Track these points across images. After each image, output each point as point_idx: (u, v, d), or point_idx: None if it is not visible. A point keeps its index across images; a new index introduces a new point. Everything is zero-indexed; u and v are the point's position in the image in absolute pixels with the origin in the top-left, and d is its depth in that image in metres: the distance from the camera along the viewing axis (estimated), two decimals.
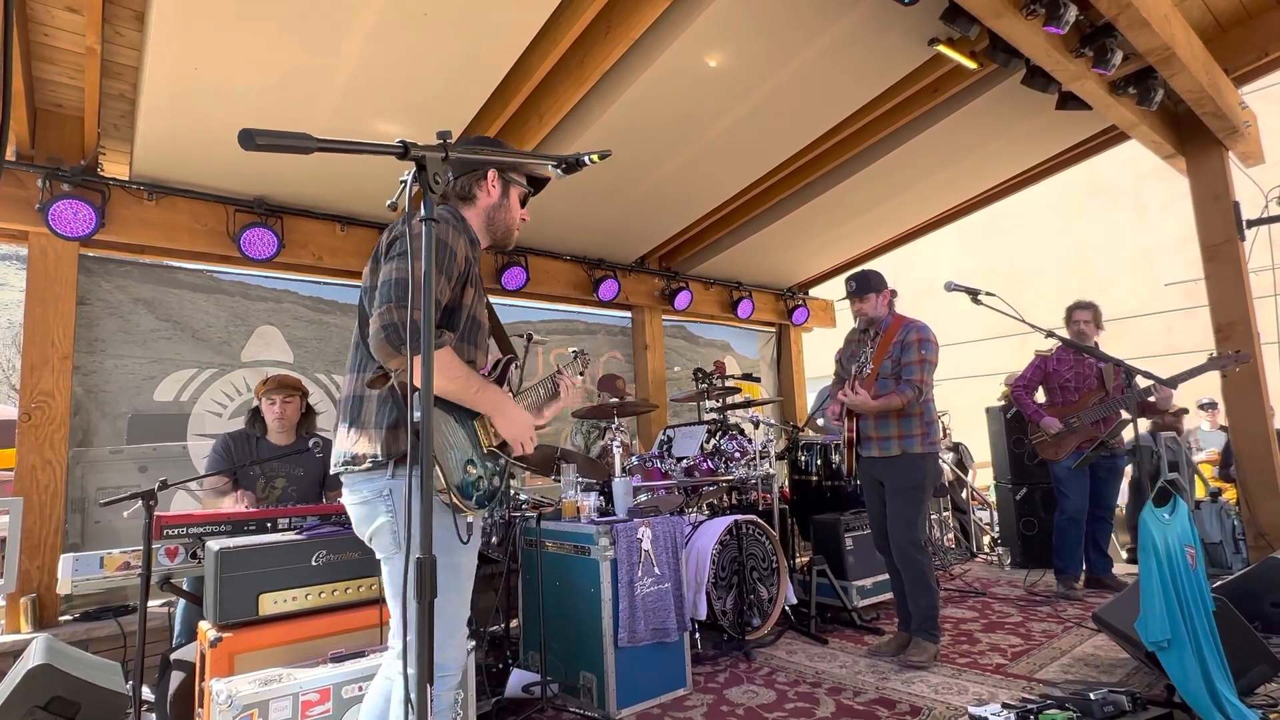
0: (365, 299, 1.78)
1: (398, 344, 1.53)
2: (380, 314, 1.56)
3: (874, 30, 3.50)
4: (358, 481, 1.74)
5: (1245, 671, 2.56)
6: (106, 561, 2.55)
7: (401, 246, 1.63)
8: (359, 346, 1.79)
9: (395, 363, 1.57)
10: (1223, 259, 4.45)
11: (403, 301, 1.54)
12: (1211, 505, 4.79)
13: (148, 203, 3.68)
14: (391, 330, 1.54)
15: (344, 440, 1.76)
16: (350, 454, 1.72)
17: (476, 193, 1.90)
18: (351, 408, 1.76)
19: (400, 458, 1.67)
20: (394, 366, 1.59)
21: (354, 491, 1.76)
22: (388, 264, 1.64)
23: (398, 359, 1.55)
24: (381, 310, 1.57)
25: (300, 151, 0.93)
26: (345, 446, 1.74)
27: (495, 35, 3.07)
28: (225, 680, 2.05)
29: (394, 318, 1.54)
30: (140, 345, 3.82)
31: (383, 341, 1.55)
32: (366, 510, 1.74)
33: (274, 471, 3.31)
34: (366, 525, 1.76)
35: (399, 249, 1.64)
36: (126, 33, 3.02)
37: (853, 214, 5.63)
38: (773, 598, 3.76)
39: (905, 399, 3.26)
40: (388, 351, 1.56)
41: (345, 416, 1.77)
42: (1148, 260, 11.42)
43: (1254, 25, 4.23)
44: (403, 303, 1.54)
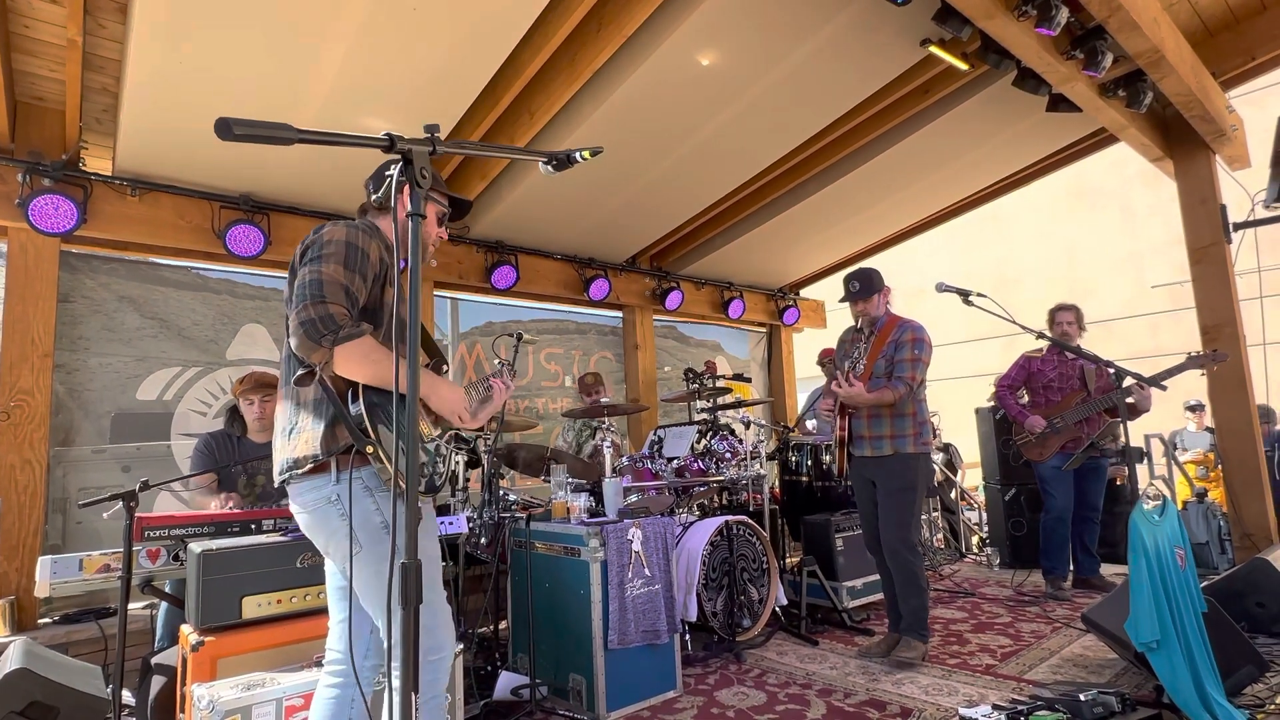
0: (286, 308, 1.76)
1: (317, 337, 1.57)
2: (297, 312, 1.60)
3: (866, 31, 3.50)
4: (302, 491, 1.72)
5: (1232, 672, 2.58)
6: (86, 564, 2.50)
7: (314, 252, 1.68)
8: (289, 360, 1.77)
9: (317, 356, 1.59)
10: (1210, 261, 4.49)
11: (318, 298, 1.60)
12: (1197, 506, 4.82)
13: (131, 198, 3.62)
14: (310, 325, 1.57)
15: (283, 450, 1.74)
16: (290, 460, 1.71)
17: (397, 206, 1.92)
18: (289, 415, 1.75)
19: (340, 455, 1.67)
20: (316, 360, 1.60)
21: (299, 503, 1.74)
22: (302, 269, 1.67)
23: (319, 351, 1.59)
24: (299, 308, 1.60)
25: (280, 143, 0.90)
26: (285, 454, 1.73)
27: (486, 31, 3.04)
28: (207, 685, 2.02)
29: (311, 313, 1.58)
30: (125, 343, 3.76)
31: (303, 337, 1.58)
32: (317, 520, 1.72)
33: (255, 469, 3.27)
34: (322, 536, 1.74)
35: (312, 254, 1.68)
36: (109, 25, 2.97)
37: (844, 215, 5.64)
38: (763, 599, 3.75)
39: (897, 394, 3.27)
40: (309, 345, 1.58)
41: (283, 426, 1.77)
42: (1134, 263, 11.52)
43: (1241, 30, 4.27)
44: (318, 298, 1.60)
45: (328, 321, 1.59)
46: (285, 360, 1.81)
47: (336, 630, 1.85)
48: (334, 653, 1.84)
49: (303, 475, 1.70)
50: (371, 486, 1.70)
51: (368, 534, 1.67)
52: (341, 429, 1.67)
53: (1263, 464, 4.31)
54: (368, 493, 1.69)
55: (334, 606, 1.88)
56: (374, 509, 1.69)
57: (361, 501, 1.68)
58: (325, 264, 1.65)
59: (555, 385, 5.60)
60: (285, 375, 1.79)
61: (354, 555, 1.66)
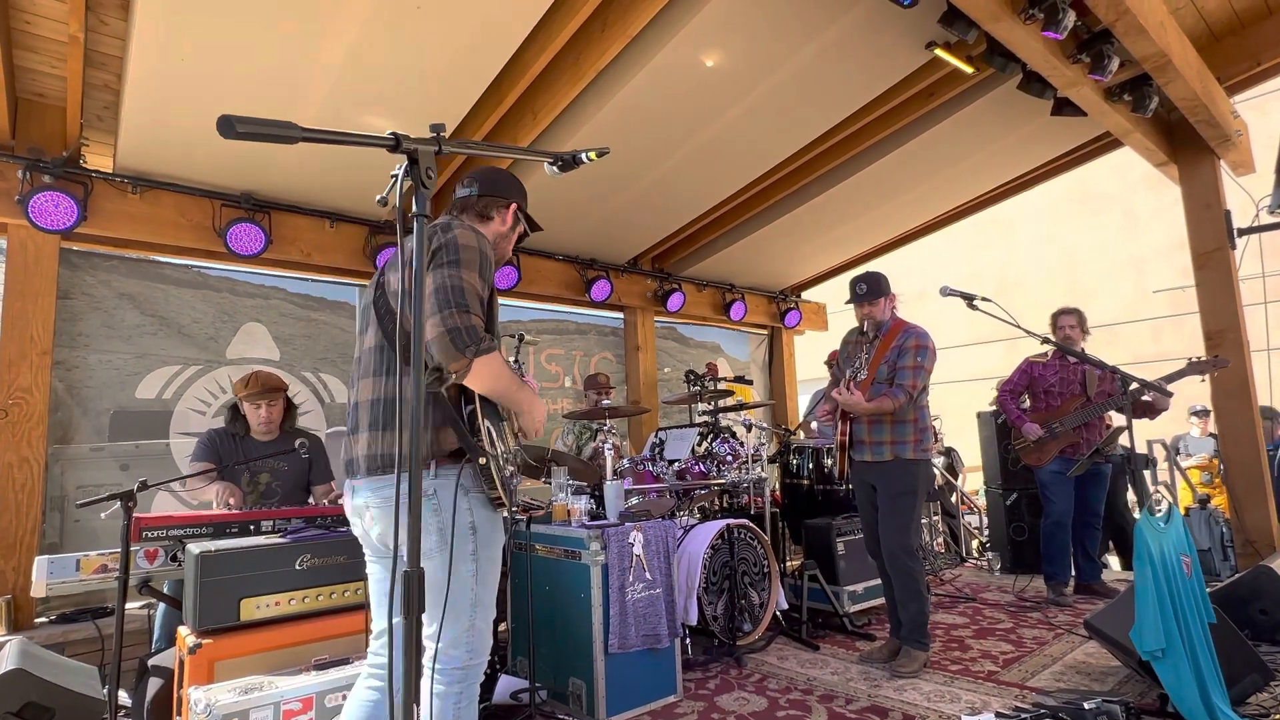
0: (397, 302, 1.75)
1: (462, 346, 1.63)
2: (443, 318, 1.64)
3: (871, 33, 3.48)
4: (390, 483, 1.71)
5: (1237, 680, 2.56)
6: (83, 564, 2.49)
7: (450, 255, 1.70)
8: (381, 350, 1.79)
9: (457, 365, 1.65)
10: (1214, 267, 4.47)
11: (463, 306, 1.65)
12: (1200, 512, 4.80)
13: (131, 196, 3.60)
14: (456, 334, 1.63)
15: (373, 443, 1.74)
16: (387, 454, 1.71)
17: (494, 216, 2.00)
18: (382, 411, 1.75)
19: (443, 457, 1.70)
20: (455, 368, 1.65)
21: (381, 495, 1.73)
22: (436, 271, 1.69)
23: (461, 360, 1.64)
24: (444, 314, 1.64)
25: (284, 141, 0.89)
26: (379, 449, 1.73)
27: (490, 31, 3.03)
28: (204, 688, 2.00)
29: (458, 322, 1.63)
30: (125, 341, 3.75)
31: (449, 344, 1.63)
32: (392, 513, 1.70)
33: (258, 467, 3.26)
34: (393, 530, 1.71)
35: (448, 257, 1.70)
36: (111, 21, 2.95)
37: (847, 217, 5.62)
38: (764, 603, 3.73)
39: (897, 403, 3.24)
40: (452, 354, 1.63)
41: (373, 421, 1.76)
42: (1136, 267, 11.52)
43: (1247, 34, 4.25)
44: (464, 307, 1.65)
45: (472, 333, 1.65)
46: (376, 350, 1.81)
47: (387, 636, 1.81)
48: (381, 656, 1.81)
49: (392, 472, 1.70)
50: (467, 487, 1.72)
51: (460, 534, 1.69)
52: (447, 433, 1.71)
53: (1266, 470, 4.29)
54: (462, 493, 1.71)
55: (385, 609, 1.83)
56: (465, 508, 1.71)
57: (455, 500, 1.69)
58: (465, 270, 1.69)
59: (555, 386, 5.59)
60: (376, 366, 1.80)
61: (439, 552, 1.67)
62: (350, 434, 1.84)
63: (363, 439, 1.76)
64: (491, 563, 1.77)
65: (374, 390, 1.79)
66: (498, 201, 2.00)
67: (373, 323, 1.83)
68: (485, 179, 2.00)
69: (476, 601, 1.71)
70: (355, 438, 1.80)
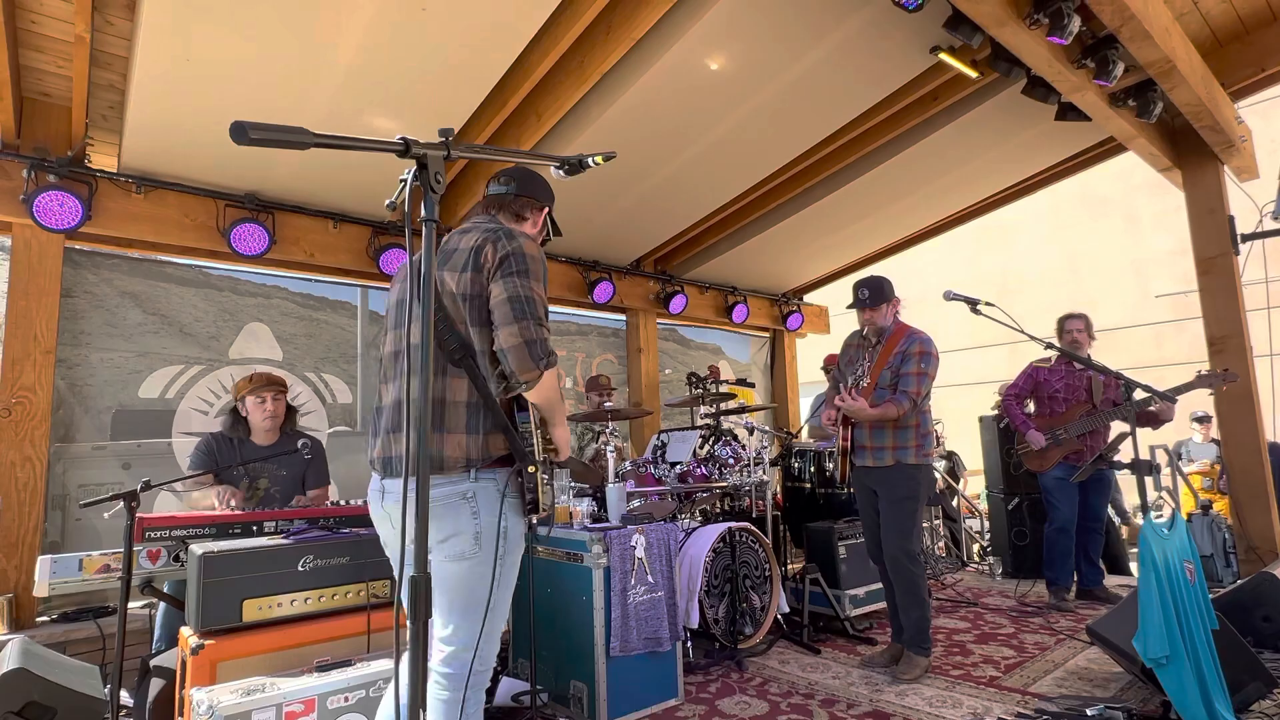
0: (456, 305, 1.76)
1: (538, 359, 1.69)
2: (521, 329, 1.69)
3: (876, 36, 3.48)
4: (436, 483, 1.70)
5: (1240, 688, 2.55)
6: (86, 564, 2.49)
7: (519, 265, 1.74)
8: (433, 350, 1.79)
9: (531, 375, 1.70)
10: (1217, 272, 4.47)
11: (538, 320, 1.72)
12: (1202, 518, 4.80)
13: (136, 195, 3.61)
14: (534, 346, 1.70)
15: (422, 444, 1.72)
16: (435, 456, 1.70)
17: (528, 217, 2.02)
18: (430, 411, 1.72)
19: (491, 462, 1.72)
20: (527, 378, 1.71)
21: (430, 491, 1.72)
22: (507, 280, 1.72)
23: (534, 372, 1.70)
24: (521, 325, 1.69)
25: (296, 147, 0.89)
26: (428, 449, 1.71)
27: (495, 33, 3.03)
28: (206, 689, 2.00)
29: (534, 334, 1.70)
30: (126, 339, 3.75)
31: (526, 356, 1.69)
32: (441, 511, 1.69)
33: (257, 472, 3.25)
34: (441, 531, 1.71)
35: (516, 267, 1.73)
36: (117, 21, 2.96)
37: (850, 220, 5.62)
38: (765, 606, 3.73)
39: (901, 409, 3.24)
40: (528, 365, 1.69)
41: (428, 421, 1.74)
42: (1138, 272, 11.50)
43: (1251, 41, 4.25)
44: (539, 320, 1.72)
45: (545, 345, 1.71)
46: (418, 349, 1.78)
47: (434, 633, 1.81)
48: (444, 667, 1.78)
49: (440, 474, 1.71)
50: (505, 493, 1.74)
51: (491, 536, 1.70)
52: (497, 439, 1.74)
53: (1268, 476, 4.28)
54: (501, 497, 1.73)
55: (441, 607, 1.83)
56: (502, 513, 1.73)
57: (495, 504, 1.72)
58: (534, 282, 1.74)
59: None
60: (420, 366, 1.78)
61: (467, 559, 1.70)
62: (390, 431, 1.81)
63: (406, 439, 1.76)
64: (512, 569, 1.79)
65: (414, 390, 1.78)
66: (533, 204, 2.02)
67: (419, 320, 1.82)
68: (522, 179, 2.02)
69: (494, 606, 1.72)
70: (396, 436, 1.79)
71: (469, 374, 1.74)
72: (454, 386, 1.74)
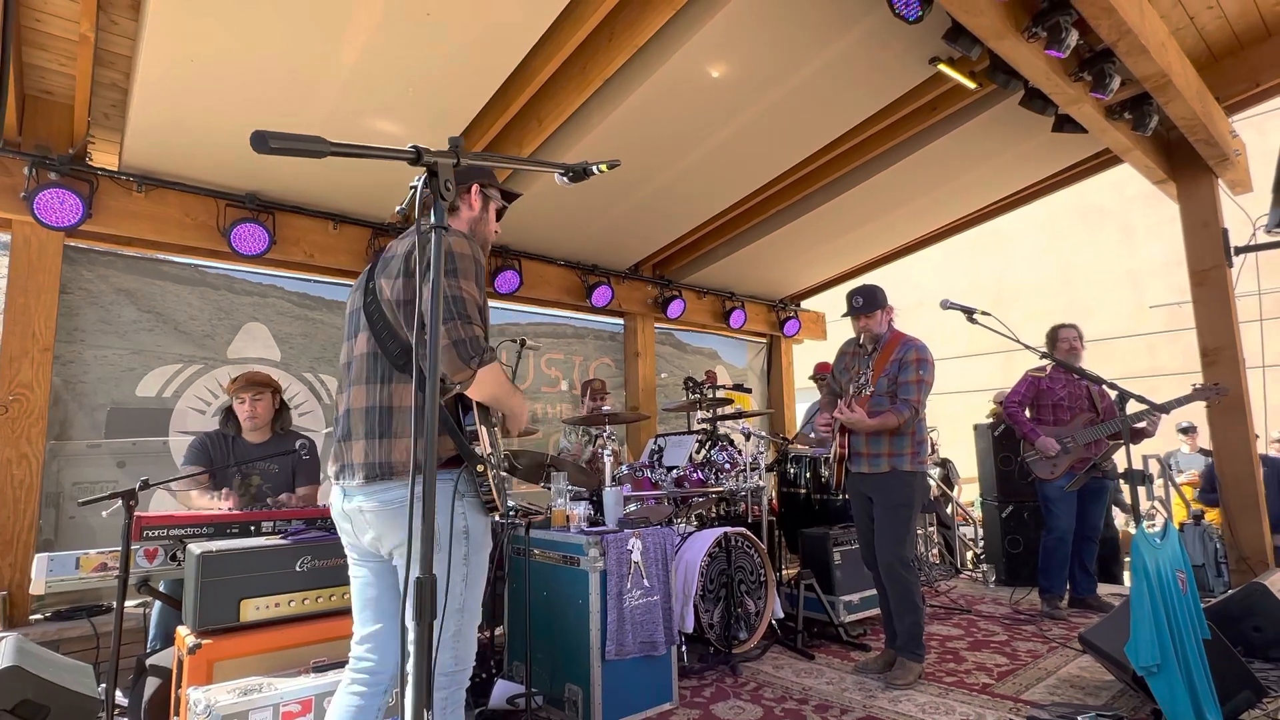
0: (393, 312, 1.76)
1: (468, 358, 1.66)
2: (448, 329, 1.66)
3: (876, 47, 3.51)
4: (388, 488, 1.72)
5: (1230, 697, 2.57)
6: (83, 562, 2.49)
7: (448, 265, 1.70)
8: (377, 358, 1.79)
9: (463, 375, 1.67)
10: (1211, 284, 4.51)
11: (466, 318, 1.68)
12: (1194, 528, 4.83)
13: (136, 194, 3.61)
14: (463, 345, 1.66)
15: (373, 451, 1.73)
16: (384, 463, 1.71)
17: (460, 205, 1.97)
18: (378, 419, 1.75)
19: (443, 463, 1.71)
20: (460, 379, 1.68)
21: (377, 499, 1.72)
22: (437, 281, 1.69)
23: (466, 372, 1.67)
24: (449, 326, 1.66)
25: (313, 155, 0.91)
26: (377, 457, 1.72)
27: (498, 38, 3.05)
28: (203, 689, 2.00)
29: (463, 333, 1.66)
30: (120, 336, 3.74)
31: (454, 356, 1.65)
32: (397, 515, 1.70)
33: (250, 469, 3.25)
34: (396, 535, 1.72)
35: (447, 265, 1.69)
36: (121, 21, 2.97)
37: (847, 228, 5.65)
38: (760, 611, 3.74)
39: (902, 419, 3.25)
40: (458, 365, 1.66)
41: (369, 429, 1.75)
42: (1133, 282, 11.58)
43: (1245, 55, 4.30)
44: (467, 318, 1.68)
45: (475, 344, 1.68)
46: (370, 357, 1.80)
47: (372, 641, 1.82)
48: (368, 661, 1.82)
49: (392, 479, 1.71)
50: (462, 492, 1.73)
51: (449, 536, 1.68)
52: (445, 440, 1.71)
53: (1260, 487, 4.32)
54: (457, 498, 1.71)
55: (370, 613, 1.84)
56: (460, 513, 1.72)
57: (448, 505, 1.69)
58: (463, 280, 1.70)
59: (554, 391, 5.60)
60: (371, 374, 1.79)
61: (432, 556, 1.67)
62: (342, 440, 1.82)
63: (358, 446, 1.76)
64: (480, 568, 1.78)
65: (368, 398, 1.78)
66: (459, 189, 1.95)
67: (365, 329, 1.83)
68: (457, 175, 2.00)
69: (464, 607, 1.71)
70: (349, 444, 1.79)
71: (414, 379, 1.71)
72: (399, 392, 1.75)
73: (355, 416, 1.78)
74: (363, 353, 1.82)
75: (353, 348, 1.86)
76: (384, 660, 1.81)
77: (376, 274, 1.84)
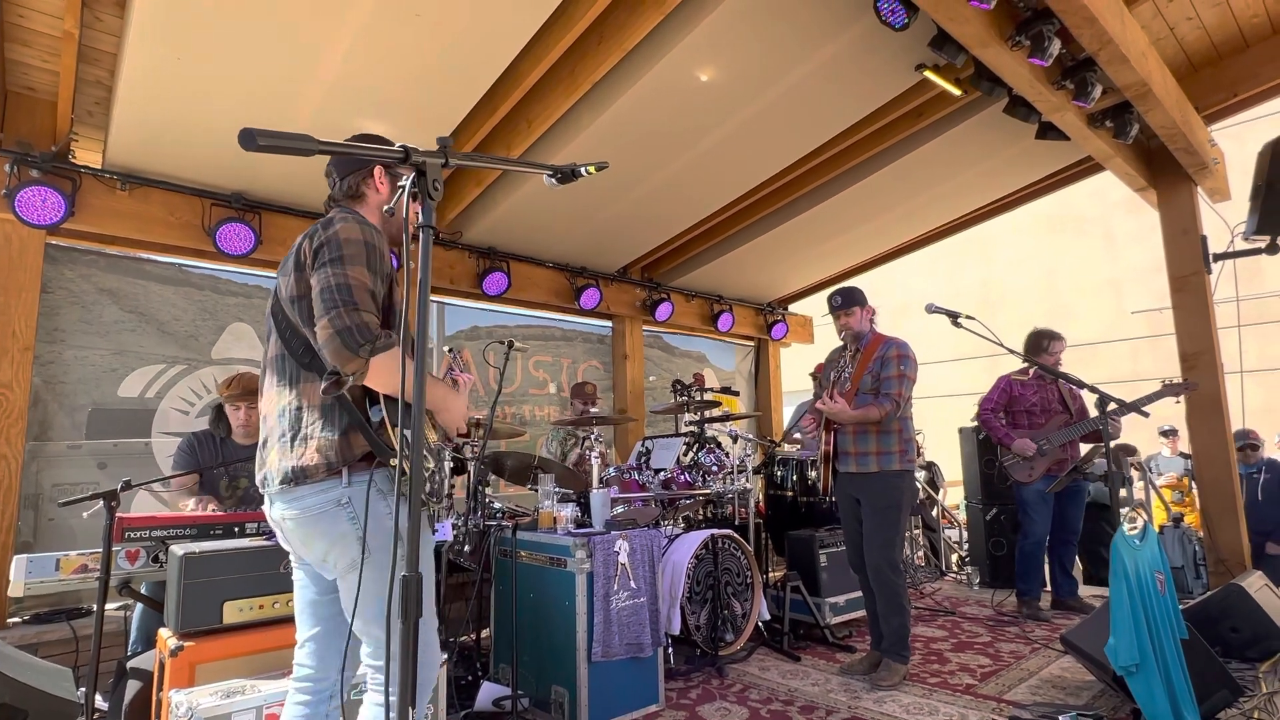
0: (291, 309, 1.70)
1: (355, 347, 1.53)
2: (331, 319, 1.55)
3: (863, 53, 3.55)
4: (303, 495, 1.64)
5: (1207, 696, 2.61)
6: (63, 564, 2.45)
7: (333, 252, 1.62)
8: (284, 359, 1.72)
9: (353, 366, 1.55)
10: (1190, 290, 4.58)
11: (351, 304, 1.56)
12: (1173, 530, 4.90)
13: (120, 193, 3.57)
14: (347, 334, 1.54)
15: (282, 457, 1.66)
16: (296, 468, 1.63)
17: (365, 190, 1.86)
18: (289, 423, 1.68)
19: (354, 463, 1.63)
20: (351, 370, 1.55)
21: (297, 506, 1.65)
22: (320, 271, 1.62)
23: (355, 361, 1.54)
24: (332, 315, 1.56)
25: (301, 153, 0.90)
26: (288, 462, 1.64)
27: (487, 40, 3.05)
28: (185, 691, 1.98)
29: (347, 321, 1.54)
30: (102, 336, 3.70)
31: (339, 346, 1.54)
32: (322, 524, 1.63)
33: (237, 471, 3.23)
34: (323, 542, 1.65)
35: (329, 254, 1.62)
36: (106, 18, 2.94)
37: (835, 232, 5.69)
38: (746, 613, 3.75)
39: (883, 411, 3.29)
40: (345, 355, 1.54)
41: (281, 432, 1.68)
42: (1114, 288, 11.74)
43: (1224, 66, 4.38)
44: (351, 305, 1.56)
45: (364, 331, 1.55)
46: (276, 360, 1.74)
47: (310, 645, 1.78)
48: (306, 668, 1.78)
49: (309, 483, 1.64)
50: (384, 490, 1.66)
51: (381, 539, 1.61)
52: (357, 437, 1.64)
53: (1237, 490, 4.38)
54: (380, 496, 1.64)
55: (308, 617, 1.80)
56: (386, 513, 1.65)
57: (375, 505, 1.62)
58: (350, 266, 1.60)
59: (542, 393, 5.59)
60: (281, 377, 1.73)
61: (364, 560, 1.61)
62: (261, 447, 1.76)
63: (273, 452, 1.69)
64: (426, 567, 1.67)
65: (278, 401, 1.71)
66: (360, 173, 1.84)
67: (272, 330, 1.77)
68: (338, 160, 1.88)
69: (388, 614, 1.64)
70: (265, 451, 1.73)
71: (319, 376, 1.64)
72: (307, 391, 1.68)
73: (270, 422, 1.73)
74: (272, 355, 1.77)
75: (266, 352, 1.81)
76: (322, 667, 1.76)
77: (279, 274, 1.77)
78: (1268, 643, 3.22)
